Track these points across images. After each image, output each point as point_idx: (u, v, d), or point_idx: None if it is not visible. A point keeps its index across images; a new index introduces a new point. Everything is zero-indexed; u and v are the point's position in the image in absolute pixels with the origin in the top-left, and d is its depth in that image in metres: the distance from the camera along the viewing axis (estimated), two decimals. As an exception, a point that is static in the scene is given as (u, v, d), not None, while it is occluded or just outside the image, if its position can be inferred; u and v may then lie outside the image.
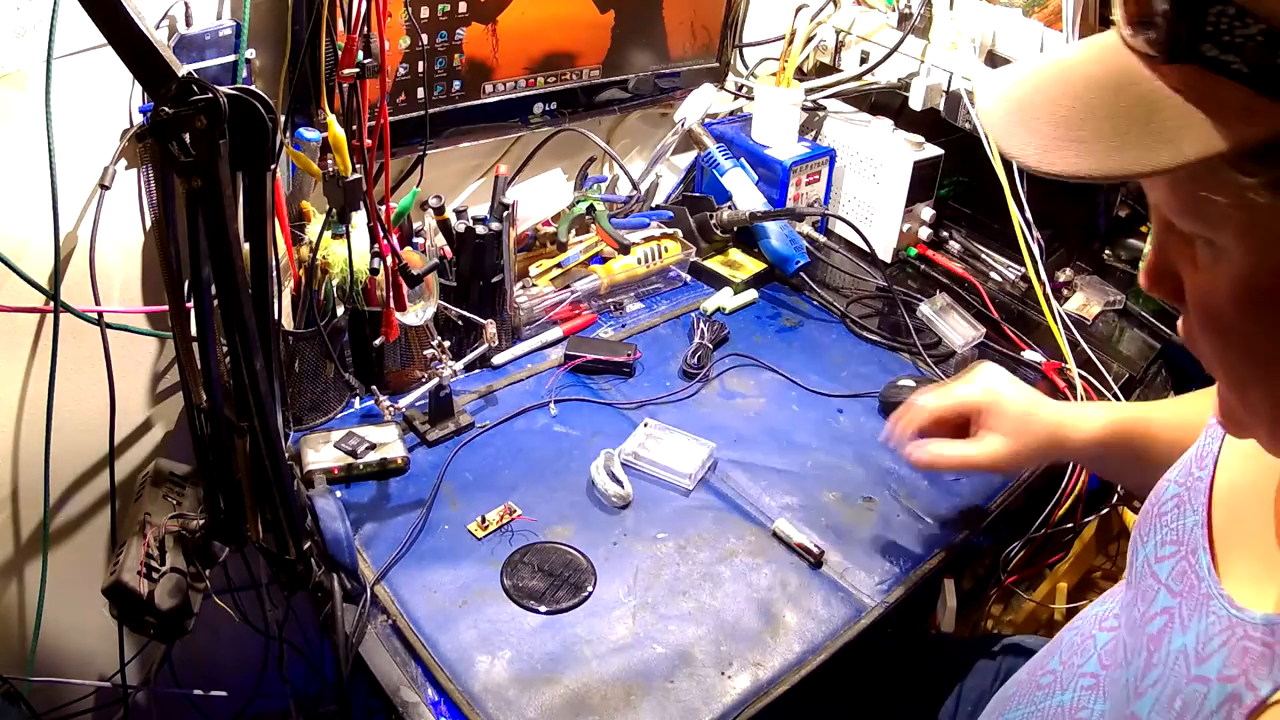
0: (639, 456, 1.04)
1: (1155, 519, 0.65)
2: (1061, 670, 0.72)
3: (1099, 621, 0.72)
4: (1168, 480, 0.67)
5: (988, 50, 1.29)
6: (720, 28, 1.43)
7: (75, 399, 1.02)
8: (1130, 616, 0.64)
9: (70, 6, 0.84)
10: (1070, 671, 0.71)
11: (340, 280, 1.02)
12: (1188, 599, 0.57)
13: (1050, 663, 0.75)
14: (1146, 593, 0.62)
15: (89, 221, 0.96)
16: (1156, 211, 0.47)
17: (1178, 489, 0.64)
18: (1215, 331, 0.47)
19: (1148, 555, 0.64)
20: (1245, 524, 0.57)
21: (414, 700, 0.80)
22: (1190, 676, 0.52)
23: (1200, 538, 0.59)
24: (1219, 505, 0.60)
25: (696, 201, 1.41)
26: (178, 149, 0.58)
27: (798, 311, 1.36)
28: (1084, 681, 0.68)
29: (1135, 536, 0.67)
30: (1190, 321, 0.48)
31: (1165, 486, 0.67)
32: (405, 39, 1.08)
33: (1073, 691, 0.69)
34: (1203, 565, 0.57)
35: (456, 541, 0.94)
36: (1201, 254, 0.45)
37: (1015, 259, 1.41)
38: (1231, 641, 0.51)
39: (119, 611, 0.78)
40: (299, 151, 0.99)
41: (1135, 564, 0.66)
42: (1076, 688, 0.68)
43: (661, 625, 0.86)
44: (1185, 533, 0.61)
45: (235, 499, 0.78)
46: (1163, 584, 0.60)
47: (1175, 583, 0.59)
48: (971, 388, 0.93)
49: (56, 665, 1.17)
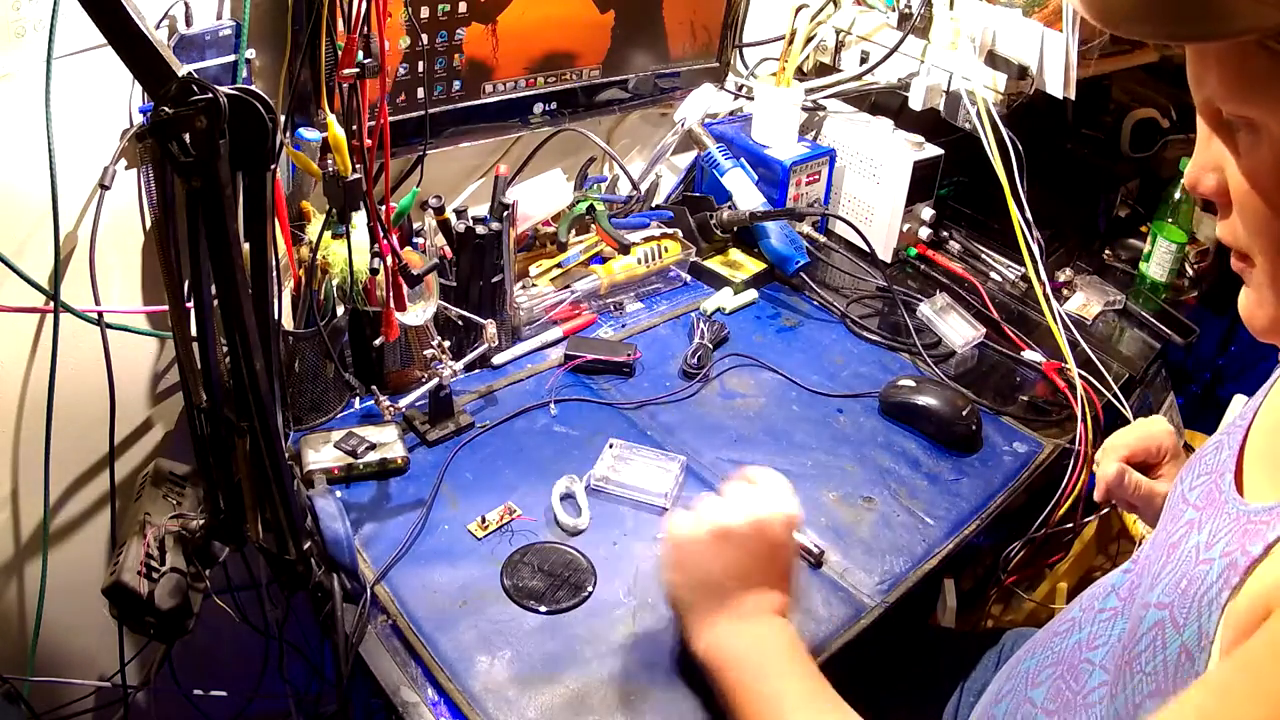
0: (609, 480, 1.00)
1: (1197, 461, 0.71)
2: (1081, 615, 0.76)
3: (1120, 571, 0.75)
4: (1216, 434, 0.72)
5: (988, 50, 1.29)
6: (720, 28, 1.43)
7: (75, 399, 1.02)
8: (1156, 540, 0.69)
9: (70, 6, 0.84)
10: (1089, 614, 0.74)
11: (340, 280, 1.02)
12: (1207, 510, 0.63)
13: (1071, 611, 0.79)
14: (1175, 516, 0.67)
15: (89, 221, 0.96)
16: (1204, 110, 0.54)
17: (1221, 436, 0.70)
18: (1258, 214, 0.52)
19: (1184, 489, 0.69)
20: (1268, 443, 0.64)
21: (414, 700, 0.80)
22: (1198, 561, 0.58)
23: (1229, 464, 0.64)
24: (1253, 439, 0.65)
25: (696, 201, 1.41)
26: (178, 149, 0.58)
27: (798, 311, 1.36)
28: (1102, 616, 0.72)
29: (1177, 478, 0.73)
30: (1232, 218, 0.55)
31: (1213, 438, 0.72)
32: (405, 39, 1.08)
33: (1090, 626, 0.72)
34: (1225, 483, 0.63)
35: (456, 541, 0.93)
36: (1243, 140, 0.51)
37: (1015, 259, 1.41)
38: (1235, 529, 0.57)
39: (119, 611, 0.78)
40: (299, 151, 0.99)
41: (1172, 498, 0.71)
42: (1095, 622, 0.72)
43: (662, 625, 0.86)
44: (1218, 465, 0.66)
45: (235, 499, 0.78)
46: (1190, 504, 0.66)
47: (1201, 501, 0.65)
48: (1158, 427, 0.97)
49: (56, 665, 1.17)
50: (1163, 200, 1.45)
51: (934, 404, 1.11)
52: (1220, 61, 0.50)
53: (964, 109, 1.32)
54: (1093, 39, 1.24)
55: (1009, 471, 1.08)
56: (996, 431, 1.14)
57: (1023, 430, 1.14)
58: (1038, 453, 1.11)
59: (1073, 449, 1.11)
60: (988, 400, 1.18)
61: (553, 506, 0.97)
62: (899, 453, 1.09)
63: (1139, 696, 0.59)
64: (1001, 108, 1.29)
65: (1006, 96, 1.30)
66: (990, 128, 1.27)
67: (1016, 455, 1.10)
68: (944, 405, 1.11)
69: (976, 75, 1.30)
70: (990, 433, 1.13)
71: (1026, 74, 1.28)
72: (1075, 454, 1.11)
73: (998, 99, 1.30)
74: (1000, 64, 1.30)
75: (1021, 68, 1.28)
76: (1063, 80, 1.24)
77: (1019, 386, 1.23)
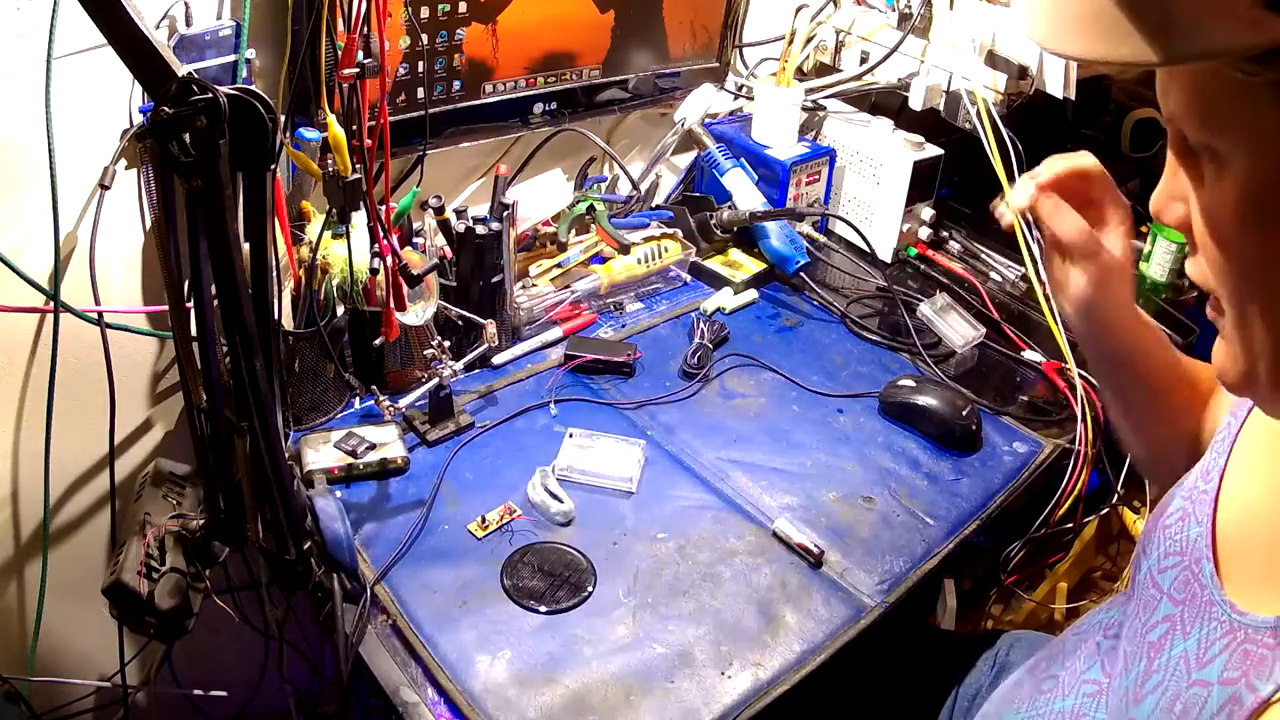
0: (573, 469, 1.02)
1: (1160, 531, 0.65)
2: (1064, 676, 0.72)
3: (1103, 629, 0.72)
4: (1173, 494, 0.67)
5: (988, 50, 1.29)
6: (720, 28, 1.43)
7: (75, 399, 1.02)
8: (1132, 627, 0.64)
9: (70, 6, 0.84)
10: (1074, 678, 0.71)
11: (340, 280, 1.02)
12: (1189, 606, 0.57)
13: (1053, 668, 0.75)
14: (1149, 603, 0.62)
15: (89, 221, 0.96)
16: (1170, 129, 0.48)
17: (1182, 502, 0.64)
18: (1220, 250, 0.46)
19: (1151, 566, 0.64)
20: (1251, 533, 0.57)
21: (414, 700, 0.80)
22: (1190, 681, 0.53)
23: (1204, 548, 0.59)
24: (1224, 515, 0.60)
25: (696, 201, 1.41)
26: (178, 149, 0.58)
27: (798, 311, 1.36)
28: (1086, 689, 0.68)
29: (1139, 549, 0.67)
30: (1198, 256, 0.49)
31: (1170, 500, 0.67)
32: (405, 39, 1.08)
33: (1075, 698, 0.69)
34: (1205, 573, 0.57)
35: (456, 541, 0.93)
36: (1208, 171, 0.46)
37: (1015, 259, 1.41)
38: (1233, 646, 0.51)
39: (119, 611, 0.78)
40: (299, 151, 0.99)
41: (1138, 576, 0.66)
42: (1079, 694, 0.69)
43: (661, 625, 0.86)
44: (1189, 544, 0.61)
45: (235, 499, 0.78)
46: (1165, 594, 0.61)
47: (1177, 591, 0.59)
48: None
49: (56, 665, 1.17)
50: (1163, 200, 1.45)
51: (934, 404, 1.11)
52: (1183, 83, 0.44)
53: (964, 109, 1.32)
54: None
55: (1009, 471, 1.08)
56: (996, 431, 1.14)
57: (1023, 430, 1.14)
58: (1038, 453, 1.11)
59: (1073, 449, 1.11)
60: (988, 400, 1.18)
61: (535, 502, 0.98)
62: (899, 453, 1.09)
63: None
64: (1001, 108, 1.29)
65: (1006, 96, 1.30)
66: (990, 128, 1.27)
67: (1016, 455, 1.10)
68: (944, 405, 1.11)
69: (976, 75, 1.30)
70: (990, 433, 1.13)
71: (1026, 74, 1.28)
72: (1075, 454, 1.10)
73: (998, 99, 1.29)
74: (1000, 64, 1.30)
75: (1021, 68, 1.28)
76: (1063, 80, 1.24)
77: (1019, 386, 1.23)
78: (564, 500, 0.97)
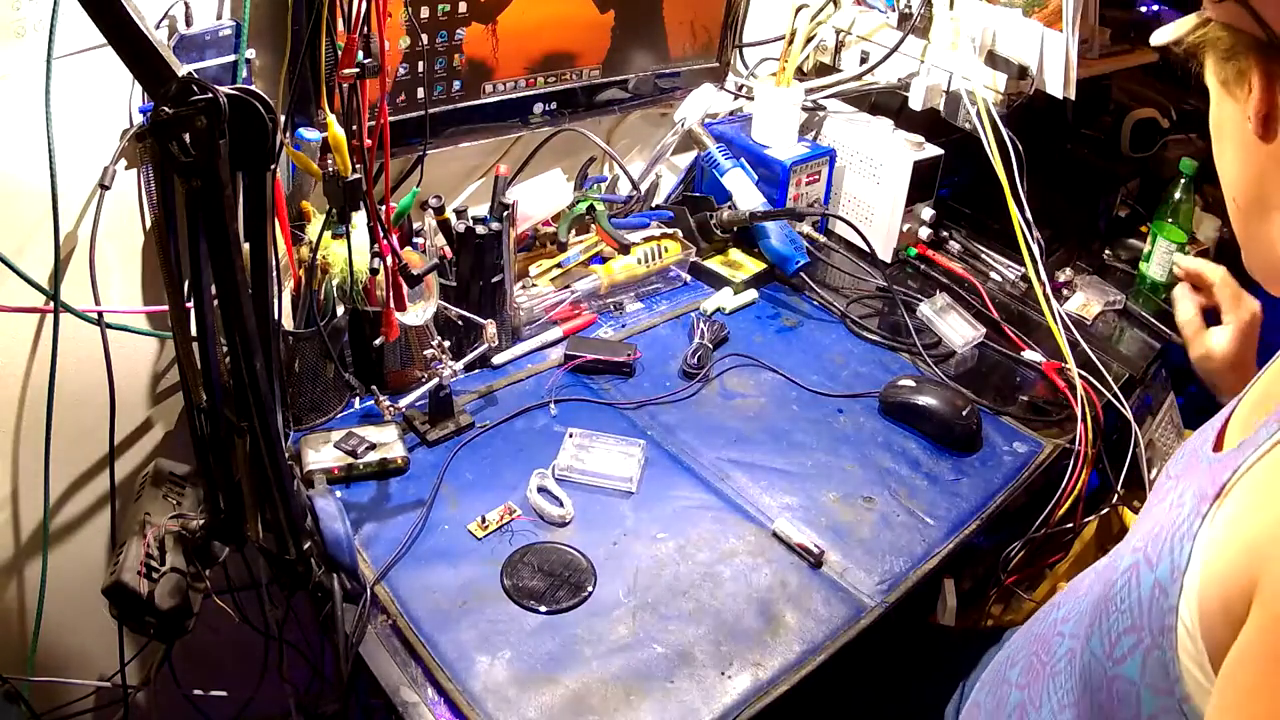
0: (574, 469, 1.02)
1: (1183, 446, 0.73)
2: (1061, 596, 0.79)
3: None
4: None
5: (988, 50, 1.29)
6: (720, 28, 1.43)
7: (75, 399, 1.02)
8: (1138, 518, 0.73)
9: (70, 6, 0.84)
10: (1070, 595, 0.77)
11: (340, 280, 1.02)
12: (1185, 476, 0.65)
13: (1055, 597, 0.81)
14: (1159, 492, 0.70)
15: (89, 221, 0.96)
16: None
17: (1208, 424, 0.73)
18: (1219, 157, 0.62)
19: (1168, 470, 0.72)
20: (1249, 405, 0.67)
21: (414, 700, 0.80)
22: (1171, 508, 0.62)
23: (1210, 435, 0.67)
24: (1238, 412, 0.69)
25: (696, 201, 1.41)
26: (178, 149, 0.58)
27: (798, 311, 1.36)
28: (1079, 592, 0.75)
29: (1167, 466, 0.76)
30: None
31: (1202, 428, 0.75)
32: (405, 39, 1.08)
33: (1068, 604, 0.75)
34: (1205, 450, 0.65)
35: (456, 541, 0.93)
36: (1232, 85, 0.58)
37: (1015, 259, 1.41)
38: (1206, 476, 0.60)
39: (119, 611, 0.78)
40: (299, 151, 0.99)
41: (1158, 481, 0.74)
42: (1073, 599, 0.75)
43: (661, 625, 0.86)
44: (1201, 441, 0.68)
45: (235, 499, 0.78)
46: (1171, 478, 0.69)
47: (1180, 471, 0.68)
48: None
49: (56, 665, 1.17)
50: (1163, 200, 1.45)
51: (934, 404, 1.11)
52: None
53: (964, 109, 1.32)
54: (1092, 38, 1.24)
55: (1009, 471, 1.08)
56: (996, 431, 1.14)
57: (1023, 430, 1.14)
58: (1038, 453, 1.11)
59: (1073, 449, 1.11)
60: (988, 400, 1.18)
61: (534, 504, 0.97)
62: (899, 453, 1.09)
63: (1115, 634, 0.61)
64: (1001, 108, 1.29)
65: (1006, 96, 1.30)
66: (990, 128, 1.27)
67: (1016, 455, 1.10)
68: (944, 405, 1.11)
69: (976, 75, 1.30)
70: (990, 433, 1.13)
71: (1026, 74, 1.28)
72: (1075, 454, 1.11)
73: (998, 99, 1.30)
74: (1000, 64, 1.30)
75: (1021, 68, 1.28)
76: (1063, 80, 1.25)
77: (1019, 386, 1.23)
78: (564, 503, 0.97)
